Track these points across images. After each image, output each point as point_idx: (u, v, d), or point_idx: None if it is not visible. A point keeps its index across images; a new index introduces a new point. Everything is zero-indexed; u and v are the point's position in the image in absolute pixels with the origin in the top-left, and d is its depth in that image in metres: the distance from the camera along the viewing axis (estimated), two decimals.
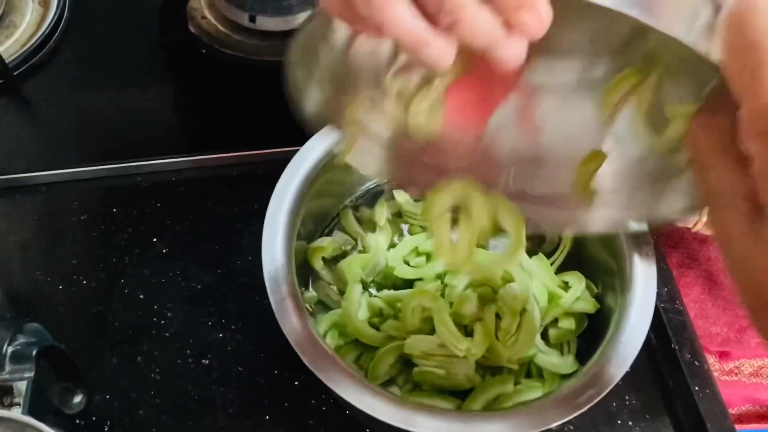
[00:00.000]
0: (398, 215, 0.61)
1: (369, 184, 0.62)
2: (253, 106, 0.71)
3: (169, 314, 0.59)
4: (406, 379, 0.53)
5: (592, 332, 0.54)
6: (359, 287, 0.56)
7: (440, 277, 0.56)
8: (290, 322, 0.47)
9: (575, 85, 0.38)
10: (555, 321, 0.54)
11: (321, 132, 0.55)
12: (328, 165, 0.54)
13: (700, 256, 0.64)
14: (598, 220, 0.40)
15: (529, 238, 0.58)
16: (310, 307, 0.57)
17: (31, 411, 0.43)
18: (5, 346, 0.43)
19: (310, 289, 0.58)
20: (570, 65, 0.38)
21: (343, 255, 0.59)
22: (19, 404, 0.43)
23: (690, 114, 0.32)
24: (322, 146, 0.54)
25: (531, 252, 0.57)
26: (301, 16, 0.74)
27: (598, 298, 0.54)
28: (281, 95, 0.71)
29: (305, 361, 0.46)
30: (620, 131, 0.39)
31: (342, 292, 0.57)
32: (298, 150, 0.67)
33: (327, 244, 0.58)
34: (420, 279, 0.56)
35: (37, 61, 0.72)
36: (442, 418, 0.44)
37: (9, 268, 0.61)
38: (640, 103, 0.37)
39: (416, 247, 0.58)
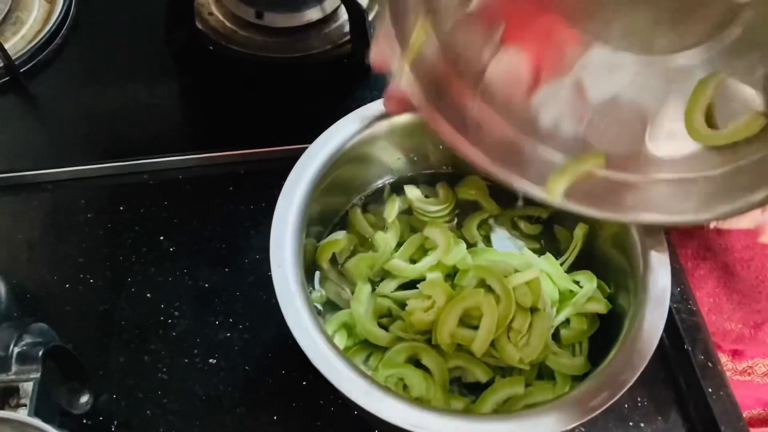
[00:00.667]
0: (408, 212, 0.60)
1: (378, 182, 0.61)
2: (261, 103, 0.71)
3: (176, 313, 0.59)
4: None
5: (603, 333, 0.53)
6: (368, 288, 0.55)
7: (449, 277, 0.55)
8: (299, 323, 0.47)
9: (638, 73, 0.38)
10: (566, 321, 0.53)
11: (329, 130, 0.54)
12: (338, 162, 0.54)
13: (716, 246, 0.63)
14: (651, 215, 0.39)
15: (540, 237, 0.58)
16: (319, 306, 0.56)
17: (38, 412, 0.43)
18: (11, 347, 0.43)
19: (317, 288, 0.57)
20: (639, 53, 0.37)
21: (353, 253, 0.58)
22: (25, 405, 0.42)
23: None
24: (331, 144, 0.54)
25: (540, 251, 0.56)
26: (309, 13, 0.74)
27: (610, 298, 0.53)
28: (289, 92, 0.72)
29: (314, 363, 0.46)
30: (672, 128, 0.38)
31: (353, 291, 0.56)
32: (305, 147, 0.67)
33: (341, 238, 0.57)
34: (422, 279, 0.55)
35: (43, 58, 0.72)
36: (452, 420, 0.44)
37: (15, 267, 0.61)
38: (701, 98, 0.37)
39: (422, 245, 0.58)
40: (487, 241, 0.58)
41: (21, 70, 0.69)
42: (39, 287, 0.60)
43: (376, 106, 0.54)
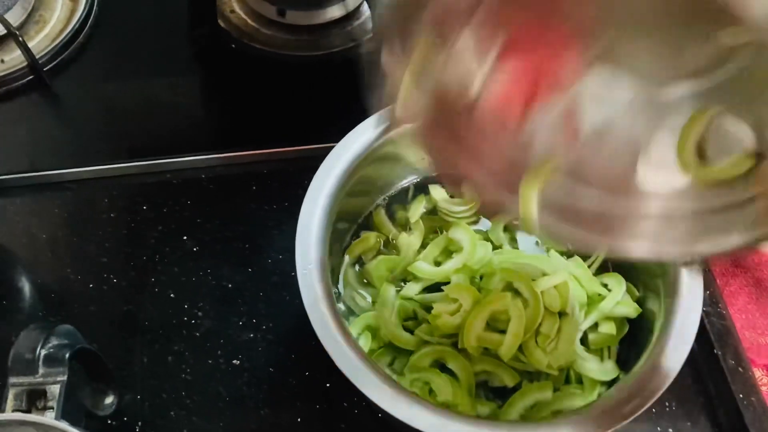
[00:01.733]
0: (433, 212, 0.60)
1: (403, 182, 0.60)
2: (283, 102, 0.70)
3: (199, 314, 0.59)
4: None
5: (632, 337, 0.52)
6: (392, 289, 0.55)
7: (475, 280, 0.54)
8: (323, 324, 0.46)
9: (633, 101, 0.37)
10: (594, 326, 0.52)
11: (355, 130, 0.54)
12: (364, 162, 0.53)
13: (747, 262, 0.62)
14: (639, 248, 0.38)
15: None
16: (344, 307, 0.56)
17: (64, 414, 0.43)
18: (38, 349, 0.43)
19: (342, 289, 0.57)
20: (635, 81, 0.37)
21: (377, 255, 0.58)
22: (52, 408, 0.42)
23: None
24: (357, 144, 0.53)
25: (568, 254, 0.55)
26: (331, 11, 0.73)
27: (640, 302, 0.52)
28: (311, 91, 0.71)
29: (338, 365, 0.45)
30: (663, 158, 0.37)
31: (372, 297, 0.56)
32: (328, 147, 0.66)
33: (371, 237, 0.57)
34: (447, 281, 0.55)
35: (66, 57, 0.72)
36: (480, 426, 0.43)
37: (39, 266, 0.61)
38: (693, 131, 0.36)
39: (447, 247, 0.57)
40: (513, 242, 0.57)
41: (44, 69, 0.69)
42: (63, 287, 0.60)
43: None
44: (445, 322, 0.51)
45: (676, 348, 0.44)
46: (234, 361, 0.57)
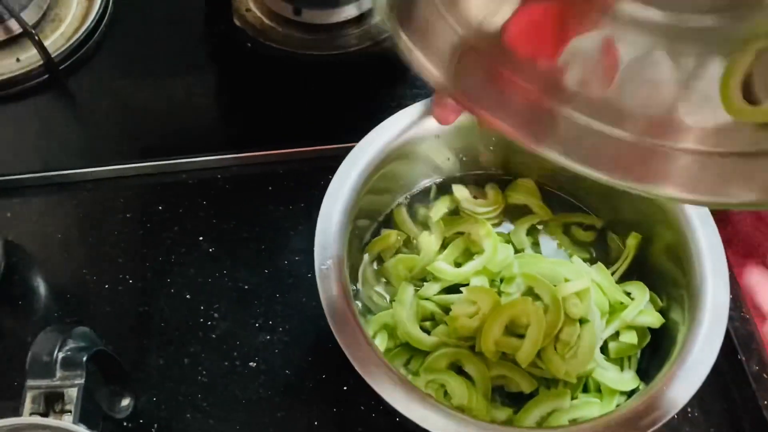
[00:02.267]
0: (455, 213, 0.59)
1: (426, 181, 0.60)
2: (299, 101, 0.70)
3: (215, 315, 0.58)
4: None
5: (654, 347, 0.51)
6: (411, 289, 0.54)
7: (495, 283, 0.54)
8: (340, 323, 0.46)
9: (673, 31, 0.35)
10: (616, 334, 0.51)
11: (378, 127, 0.53)
12: (387, 159, 0.53)
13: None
14: (670, 188, 0.37)
15: (591, 245, 0.57)
16: (360, 305, 0.55)
17: (82, 418, 0.42)
18: (56, 352, 0.43)
19: (360, 287, 0.56)
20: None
21: (396, 253, 0.57)
22: (69, 411, 0.42)
23: None
24: (380, 141, 0.53)
25: (591, 261, 0.55)
26: (347, 10, 0.73)
27: (663, 312, 0.52)
28: (327, 90, 0.71)
29: (357, 368, 0.45)
30: (706, 93, 0.35)
31: (390, 295, 0.55)
32: (344, 147, 0.66)
33: (392, 235, 0.57)
34: (466, 282, 0.54)
35: (82, 55, 0.71)
36: None
37: (55, 266, 0.61)
38: (739, 66, 0.34)
39: (468, 248, 0.56)
40: (536, 246, 0.57)
41: (60, 68, 0.69)
42: (79, 288, 0.59)
43: (425, 105, 0.53)
44: (463, 324, 0.51)
45: (699, 361, 0.43)
46: (250, 364, 0.56)
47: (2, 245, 0.59)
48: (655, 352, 0.50)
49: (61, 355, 0.43)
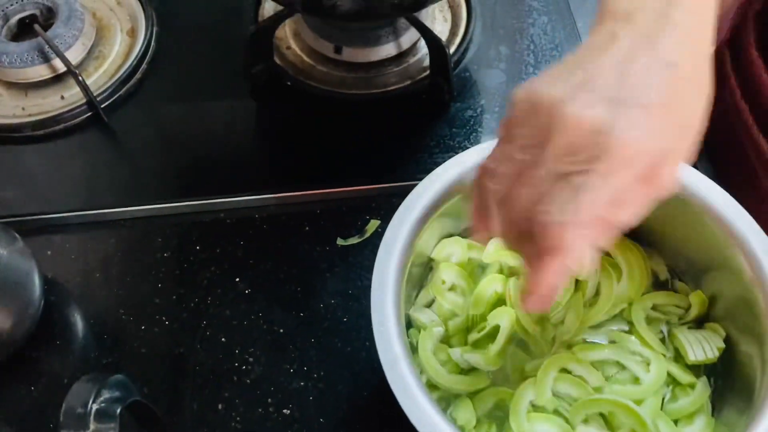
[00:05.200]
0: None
1: None
2: (338, 140, 0.69)
3: (250, 359, 0.58)
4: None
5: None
6: (430, 342, 0.52)
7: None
8: (408, 393, 0.43)
9: None
10: None
11: (441, 168, 0.52)
12: (439, 209, 0.51)
13: None
14: None
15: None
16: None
17: None
18: (90, 404, 0.42)
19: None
20: None
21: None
22: None
23: None
24: (432, 190, 0.51)
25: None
26: (386, 48, 0.72)
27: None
28: (366, 130, 0.70)
29: None
30: None
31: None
32: (383, 188, 0.66)
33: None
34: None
35: (124, 93, 0.72)
36: None
37: (93, 306, 0.61)
38: None
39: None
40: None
41: (102, 106, 0.70)
42: (115, 328, 0.59)
43: (477, 151, 0.52)
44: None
45: None
46: (284, 411, 0.55)
47: (42, 284, 0.59)
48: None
49: (95, 407, 0.42)
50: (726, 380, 0.49)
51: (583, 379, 0.49)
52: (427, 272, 0.56)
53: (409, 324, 0.54)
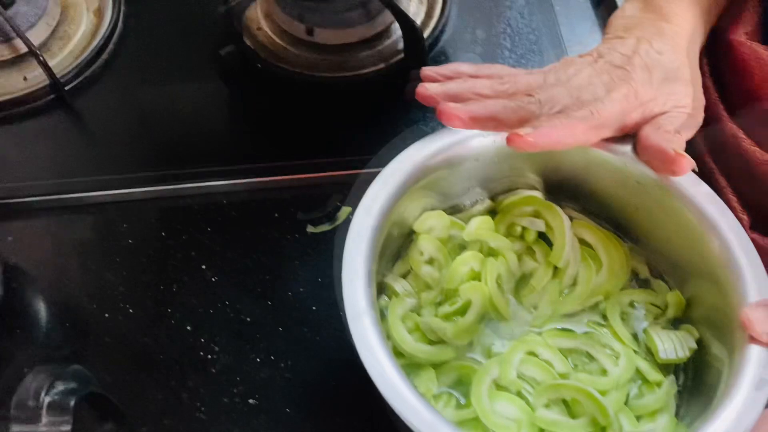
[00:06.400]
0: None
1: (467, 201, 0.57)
2: (310, 125, 0.68)
3: (216, 348, 0.57)
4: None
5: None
6: (401, 309, 0.51)
7: None
8: (370, 348, 0.41)
9: None
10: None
11: (412, 146, 0.51)
12: (409, 194, 0.50)
13: None
14: None
15: None
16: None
17: None
18: (42, 396, 0.41)
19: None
20: None
21: None
22: None
23: None
24: (400, 173, 0.49)
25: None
26: (360, 30, 0.71)
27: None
28: (339, 114, 0.69)
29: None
30: None
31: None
32: (354, 174, 0.64)
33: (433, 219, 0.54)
34: None
35: (89, 75, 0.70)
36: None
37: (56, 294, 0.59)
38: None
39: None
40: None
41: (66, 88, 0.68)
42: (78, 316, 0.58)
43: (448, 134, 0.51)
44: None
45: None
46: (250, 401, 0.54)
47: (2, 270, 0.57)
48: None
49: (47, 399, 0.41)
50: (694, 381, 0.49)
51: (550, 363, 0.49)
52: (408, 243, 0.55)
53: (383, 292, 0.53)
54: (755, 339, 0.42)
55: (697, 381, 0.48)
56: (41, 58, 0.65)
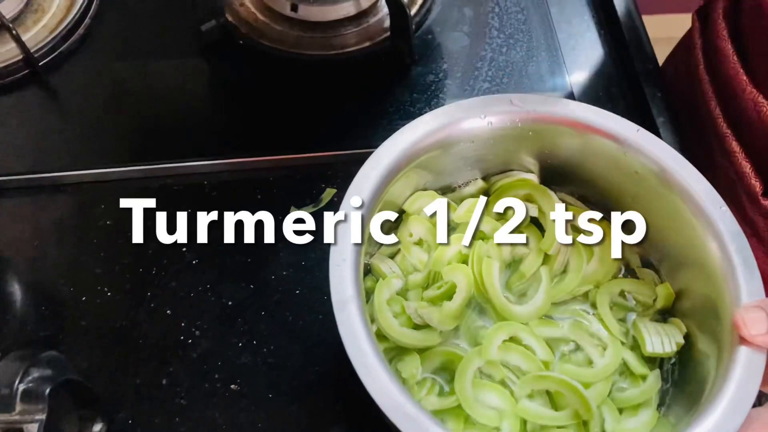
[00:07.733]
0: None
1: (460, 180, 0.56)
2: (293, 104, 0.66)
3: (197, 333, 0.55)
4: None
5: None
6: (387, 292, 0.50)
7: None
8: (366, 370, 0.40)
9: None
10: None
11: (405, 127, 0.49)
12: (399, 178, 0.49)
13: None
14: None
15: None
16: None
17: None
18: (16, 384, 0.40)
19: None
20: None
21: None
22: None
23: None
24: (411, 137, 0.48)
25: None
26: (346, 7, 0.69)
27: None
28: (323, 93, 0.67)
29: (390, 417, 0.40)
30: None
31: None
32: (338, 155, 0.63)
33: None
34: None
35: (65, 50, 0.67)
36: None
37: (31, 276, 0.58)
38: None
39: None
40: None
41: (40, 63, 0.65)
42: (55, 299, 0.56)
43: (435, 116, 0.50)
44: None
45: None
46: (232, 386, 0.53)
47: None
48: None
49: (21, 387, 0.40)
50: (680, 377, 0.48)
51: (532, 350, 0.48)
52: (397, 224, 0.54)
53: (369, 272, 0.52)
54: (746, 340, 0.41)
55: (684, 378, 0.48)
56: (14, 31, 0.63)
